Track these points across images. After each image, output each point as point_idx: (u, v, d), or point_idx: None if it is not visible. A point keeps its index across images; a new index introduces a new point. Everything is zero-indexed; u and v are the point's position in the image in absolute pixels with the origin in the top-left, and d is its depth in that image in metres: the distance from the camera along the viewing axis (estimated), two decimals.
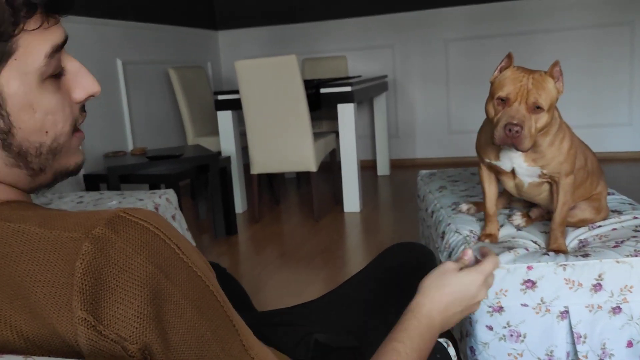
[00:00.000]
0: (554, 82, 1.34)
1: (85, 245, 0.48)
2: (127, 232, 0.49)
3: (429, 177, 2.41)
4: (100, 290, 0.47)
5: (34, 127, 0.55)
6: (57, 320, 0.47)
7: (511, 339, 1.39)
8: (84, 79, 0.60)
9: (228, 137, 3.56)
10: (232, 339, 0.54)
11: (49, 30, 0.54)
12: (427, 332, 0.76)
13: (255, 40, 5.12)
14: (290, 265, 2.64)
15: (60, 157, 0.59)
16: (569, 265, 1.36)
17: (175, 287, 0.50)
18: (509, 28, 4.48)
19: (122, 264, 0.48)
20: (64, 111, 0.57)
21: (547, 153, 1.43)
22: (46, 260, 0.48)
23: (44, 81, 0.54)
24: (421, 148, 4.90)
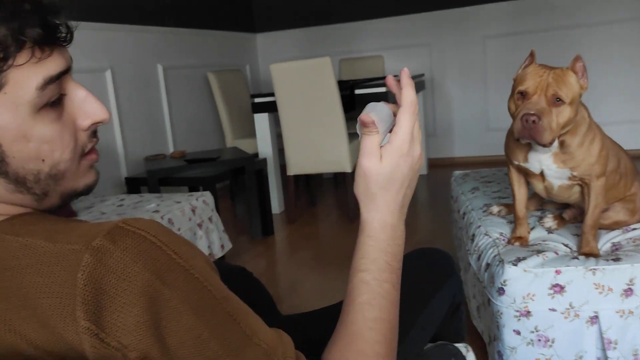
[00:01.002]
0: (576, 77, 1.33)
1: (85, 257, 0.50)
2: (124, 242, 0.52)
3: (462, 177, 2.40)
4: (102, 299, 0.50)
5: (29, 156, 0.57)
6: (64, 330, 0.50)
7: (539, 343, 1.38)
8: (90, 107, 0.61)
9: (265, 139, 3.61)
10: (232, 333, 0.56)
11: (43, 62, 0.55)
12: (389, 242, 0.71)
13: (293, 42, 5.17)
14: (324, 266, 2.66)
15: (65, 181, 0.61)
16: (598, 269, 1.34)
17: (172, 292, 0.52)
18: (548, 23, 4.39)
19: (121, 273, 0.50)
20: (63, 139, 0.59)
21: (576, 154, 1.41)
22: (50, 272, 0.51)
23: (38, 111, 0.56)
24: (459, 147, 4.85)
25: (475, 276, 1.64)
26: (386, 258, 0.70)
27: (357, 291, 0.69)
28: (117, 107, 3.37)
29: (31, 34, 0.53)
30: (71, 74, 0.61)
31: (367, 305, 0.68)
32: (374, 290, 0.69)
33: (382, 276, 0.69)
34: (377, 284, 0.69)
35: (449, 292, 1.07)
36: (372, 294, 0.68)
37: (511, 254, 1.45)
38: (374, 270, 0.69)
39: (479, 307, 1.65)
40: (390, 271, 0.70)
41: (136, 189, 2.99)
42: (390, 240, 0.71)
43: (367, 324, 0.67)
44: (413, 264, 1.06)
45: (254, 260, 2.84)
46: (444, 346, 1.01)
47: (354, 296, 0.69)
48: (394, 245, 0.72)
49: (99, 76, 3.26)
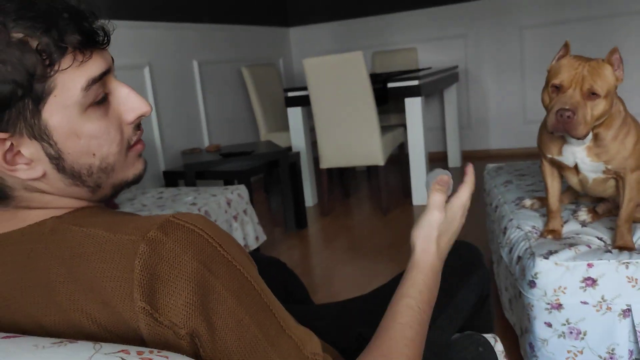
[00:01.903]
0: (612, 69, 1.31)
1: (141, 247, 0.57)
2: (175, 234, 0.58)
3: (495, 171, 2.39)
4: (155, 283, 0.56)
5: (81, 151, 0.63)
6: (123, 309, 0.56)
7: (571, 336, 1.38)
8: (133, 102, 0.67)
9: (298, 133, 3.65)
10: (269, 321, 0.62)
11: (84, 64, 0.61)
12: (434, 282, 0.82)
13: (326, 35, 5.19)
14: (357, 258, 2.69)
15: (115, 173, 0.67)
16: (632, 263, 1.34)
17: (217, 279, 0.58)
18: (586, 12, 4.29)
19: (172, 261, 0.57)
20: (109, 134, 0.65)
21: (610, 147, 1.40)
22: (112, 259, 0.57)
23: (86, 110, 0.62)
24: (495, 139, 4.80)
25: (507, 269, 1.65)
26: (429, 295, 0.81)
27: (400, 313, 0.77)
28: (154, 102, 3.46)
29: (70, 40, 0.59)
30: (113, 73, 0.67)
31: (407, 326, 0.76)
32: (415, 316, 0.77)
33: (423, 307, 0.79)
34: (419, 312, 0.78)
35: (477, 285, 1.08)
36: (414, 318, 0.77)
37: (543, 247, 1.45)
38: (419, 300, 0.79)
39: (511, 300, 1.66)
40: (430, 306, 0.81)
41: (174, 182, 3.07)
42: (434, 283, 0.83)
43: (404, 341, 0.74)
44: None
45: (288, 251, 2.89)
46: (471, 336, 1.03)
47: (397, 316, 0.77)
48: (435, 288, 0.83)
49: (138, 72, 3.35)
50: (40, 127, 0.60)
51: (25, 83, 0.56)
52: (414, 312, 0.77)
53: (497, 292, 1.93)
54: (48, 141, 0.61)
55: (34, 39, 0.56)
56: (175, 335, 0.57)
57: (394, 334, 0.74)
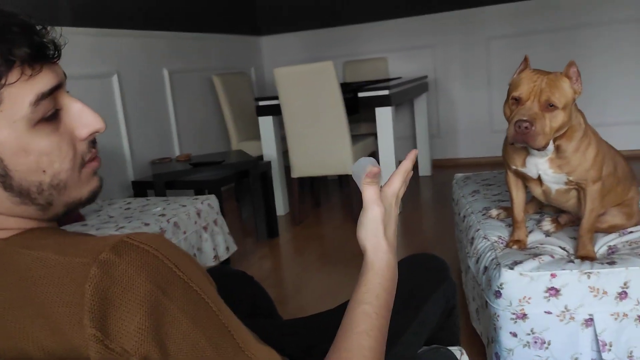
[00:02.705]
0: (569, 82, 1.36)
1: (92, 269, 0.55)
2: (129, 255, 0.56)
3: (463, 180, 2.43)
4: (107, 308, 0.54)
5: (30, 169, 0.61)
6: (72, 336, 0.54)
7: (535, 345, 1.41)
8: (86, 118, 0.65)
9: (269, 142, 3.65)
10: (226, 343, 0.60)
11: (33, 78, 0.59)
12: (391, 281, 0.78)
13: (298, 45, 5.21)
14: (329, 267, 2.70)
15: (68, 190, 0.65)
16: (593, 273, 1.37)
17: (171, 302, 0.57)
18: (552, 23, 4.40)
19: (125, 284, 0.55)
20: (61, 150, 0.63)
21: (572, 159, 1.44)
22: (61, 283, 0.55)
23: (35, 125, 0.60)
24: (464, 148, 4.87)
25: (474, 279, 1.67)
26: (387, 297, 0.77)
27: (357, 321, 0.74)
28: (123, 111, 3.42)
29: (19, 53, 0.58)
30: (65, 88, 0.65)
31: (365, 335, 0.72)
32: (373, 322, 0.74)
33: (381, 312, 0.75)
34: (377, 318, 0.74)
35: (443, 297, 1.09)
36: (371, 326, 0.73)
37: (508, 258, 1.48)
38: (376, 306, 0.75)
39: (478, 310, 1.68)
40: (388, 310, 0.77)
41: (143, 192, 3.03)
42: (392, 282, 0.78)
43: (362, 352, 0.71)
44: (408, 269, 1.09)
45: (259, 262, 2.88)
46: (437, 349, 1.04)
47: (353, 325, 0.73)
48: (393, 287, 0.79)
49: (105, 81, 3.31)
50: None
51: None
52: (371, 319, 0.74)
53: (465, 301, 1.95)
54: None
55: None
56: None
57: (351, 344, 0.72)
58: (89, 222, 2.29)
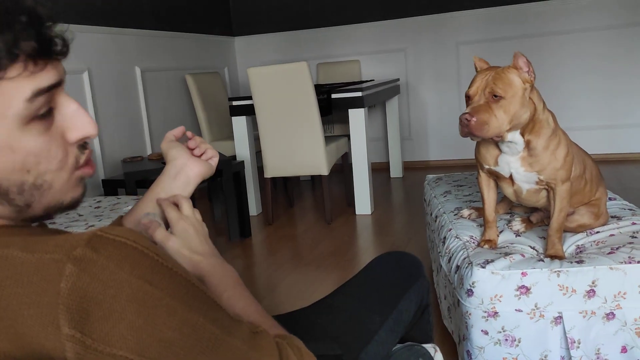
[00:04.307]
0: (517, 72, 1.40)
1: (68, 267, 0.50)
2: (107, 250, 0.52)
3: (435, 181, 2.46)
4: (89, 307, 0.50)
5: (13, 168, 0.56)
6: (45, 339, 0.50)
7: (506, 343, 1.43)
8: (79, 121, 0.61)
9: (242, 142, 3.63)
10: (221, 315, 0.60)
11: (35, 74, 0.55)
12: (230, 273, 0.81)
13: (271, 46, 5.20)
14: (301, 267, 2.70)
15: (52, 192, 0.61)
16: (562, 271, 1.40)
17: (161, 292, 0.54)
18: (521, 30, 4.49)
19: (107, 280, 0.51)
20: (50, 151, 0.59)
21: (542, 157, 1.47)
22: (30, 282, 0.50)
23: (27, 123, 0.56)
24: (434, 150, 4.92)
25: (446, 278, 1.69)
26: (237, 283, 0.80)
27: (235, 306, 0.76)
28: (94, 109, 3.36)
29: (25, 47, 0.54)
30: (63, 86, 0.61)
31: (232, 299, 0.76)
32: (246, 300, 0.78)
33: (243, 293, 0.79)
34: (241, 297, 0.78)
35: (416, 295, 1.10)
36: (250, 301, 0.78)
37: (480, 257, 1.50)
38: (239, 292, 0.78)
39: (450, 308, 1.70)
40: (244, 288, 0.80)
41: (113, 190, 2.99)
42: (231, 273, 0.81)
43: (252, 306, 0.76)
44: (381, 267, 1.10)
45: (231, 261, 2.86)
46: (412, 347, 1.05)
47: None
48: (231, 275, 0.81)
49: (76, 78, 3.25)
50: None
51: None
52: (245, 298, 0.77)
53: (437, 300, 1.98)
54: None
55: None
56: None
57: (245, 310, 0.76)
58: (57, 221, 2.24)
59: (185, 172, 0.89)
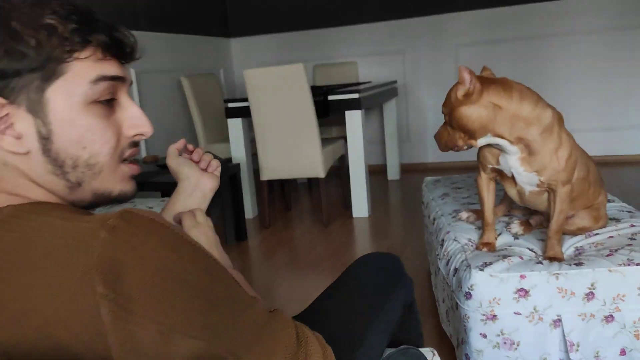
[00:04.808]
0: (456, 87, 1.41)
1: (102, 233, 0.54)
2: (136, 222, 0.56)
3: (433, 184, 2.44)
4: (120, 269, 0.53)
5: (72, 140, 0.64)
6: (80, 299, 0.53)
7: (505, 346, 1.42)
8: (138, 119, 0.70)
9: (238, 144, 3.61)
10: (240, 290, 0.64)
11: (102, 62, 0.65)
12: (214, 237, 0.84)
13: (268, 47, 5.18)
14: (298, 271, 2.68)
15: (101, 178, 0.67)
16: (561, 274, 1.38)
17: (187, 261, 0.58)
18: (519, 32, 4.48)
19: (137, 246, 0.55)
20: (105, 134, 0.66)
21: (541, 157, 1.43)
22: (66, 245, 0.55)
23: (89, 104, 0.64)
24: (432, 152, 4.91)
25: (444, 280, 1.68)
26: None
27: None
28: None
29: (97, 38, 0.64)
30: (127, 88, 0.70)
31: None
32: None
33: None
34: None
35: (401, 294, 1.10)
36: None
37: (478, 259, 1.49)
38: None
39: (448, 311, 1.68)
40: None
41: None
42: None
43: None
44: (364, 269, 1.09)
45: None
46: (407, 350, 1.03)
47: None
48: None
49: None
50: (41, 103, 0.62)
51: (40, 60, 0.60)
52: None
53: (435, 303, 1.96)
54: (43, 119, 0.62)
55: (63, 26, 0.61)
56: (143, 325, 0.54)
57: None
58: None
59: (201, 188, 0.93)
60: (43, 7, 0.62)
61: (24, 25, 0.60)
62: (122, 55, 0.68)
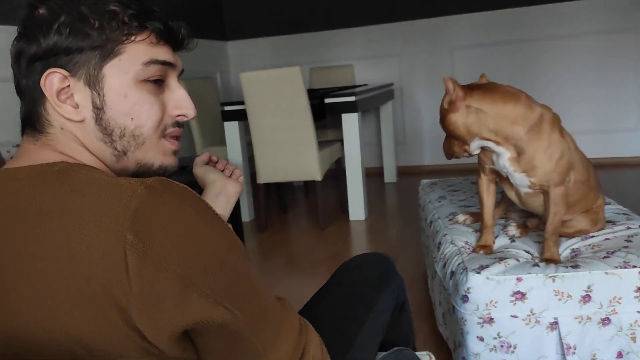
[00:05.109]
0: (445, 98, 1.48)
1: (140, 188, 0.60)
2: (172, 187, 0.62)
3: (429, 186, 2.44)
4: (151, 222, 0.58)
5: (122, 111, 0.71)
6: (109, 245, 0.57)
7: (502, 349, 1.42)
8: (184, 102, 0.77)
9: (235, 147, 3.61)
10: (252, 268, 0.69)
11: (156, 46, 0.73)
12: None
13: (264, 50, 5.19)
14: (295, 274, 2.67)
15: (144, 149, 0.74)
16: (558, 276, 1.38)
17: (213, 229, 0.63)
18: (514, 35, 4.50)
19: (171, 204, 0.60)
20: (151, 109, 0.73)
21: (531, 157, 1.44)
22: (107, 194, 0.60)
23: (140, 82, 0.72)
24: (429, 155, 4.92)
25: (440, 283, 1.68)
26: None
27: None
28: None
29: (153, 24, 0.72)
30: (176, 74, 0.78)
31: None
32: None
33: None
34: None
35: (392, 294, 1.09)
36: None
37: (475, 262, 1.49)
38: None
39: (445, 314, 1.68)
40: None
41: None
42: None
43: None
44: (353, 271, 1.09)
45: None
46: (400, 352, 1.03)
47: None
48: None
49: None
50: (98, 78, 0.70)
51: (101, 40, 0.69)
52: None
53: (432, 306, 1.96)
54: (99, 91, 0.70)
55: (123, 12, 0.70)
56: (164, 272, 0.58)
57: None
58: None
59: (226, 192, 0.97)
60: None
61: (91, 10, 0.69)
62: (174, 43, 0.76)
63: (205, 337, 0.64)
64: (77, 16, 0.69)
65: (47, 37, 0.68)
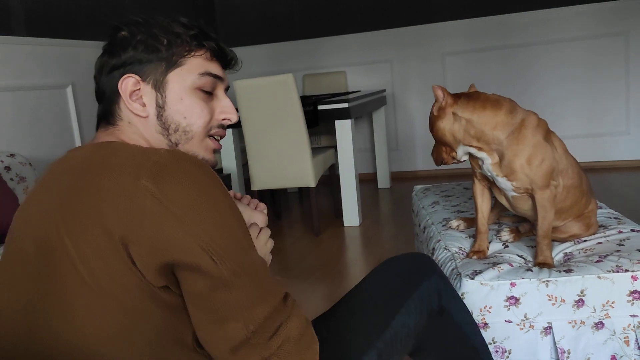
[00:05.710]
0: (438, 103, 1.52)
1: (162, 150, 0.75)
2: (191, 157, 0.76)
3: (423, 192, 2.45)
4: (166, 174, 0.71)
5: (178, 110, 0.88)
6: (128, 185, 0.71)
7: (496, 355, 1.42)
8: (229, 109, 0.94)
9: (229, 154, 3.61)
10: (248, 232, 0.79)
11: (210, 62, 0.91)
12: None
13: (257, 58, 5.20)
14: (289, 280, 2.68)
15: (192, 142, 0.90)
16: (551, 281, 1.40)
17: (219, 192, 0.75)
18: (505, 40, 4.53)
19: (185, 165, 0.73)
20: (202, 111, 0.90)
21: (510, 161, 1.46)
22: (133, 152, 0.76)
23: (195, 89, 0.89)
24: (421, 160, 4.94)
25: None
26: None
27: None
28: (78, 123, 3.33)
29: (209, 44, 0.91)
30: (224, 88, 0.95)
31: None
32: None
33: None
34: None
35: (419, 303, 1.04)
36: None
37: (468, 267, 1.50)
38: None
39: None
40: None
41: None
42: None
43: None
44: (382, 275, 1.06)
45: None
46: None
47: None
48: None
49: (59, 92, 3.22)
50: (162, 83, 0.87)
51: (168, 54, 0.87)
52: None
53: None
54: (162, 94, 0.87)
55: (186, 33, 0.89)
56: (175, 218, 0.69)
57: None
58: None
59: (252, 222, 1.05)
60: (176, 22, 0.90)
61: (161, 31, 0.88)
62: (224, 61, 0.94)
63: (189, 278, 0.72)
64: (150, 35, 0.87)
65: (126, 52, 0.87)
